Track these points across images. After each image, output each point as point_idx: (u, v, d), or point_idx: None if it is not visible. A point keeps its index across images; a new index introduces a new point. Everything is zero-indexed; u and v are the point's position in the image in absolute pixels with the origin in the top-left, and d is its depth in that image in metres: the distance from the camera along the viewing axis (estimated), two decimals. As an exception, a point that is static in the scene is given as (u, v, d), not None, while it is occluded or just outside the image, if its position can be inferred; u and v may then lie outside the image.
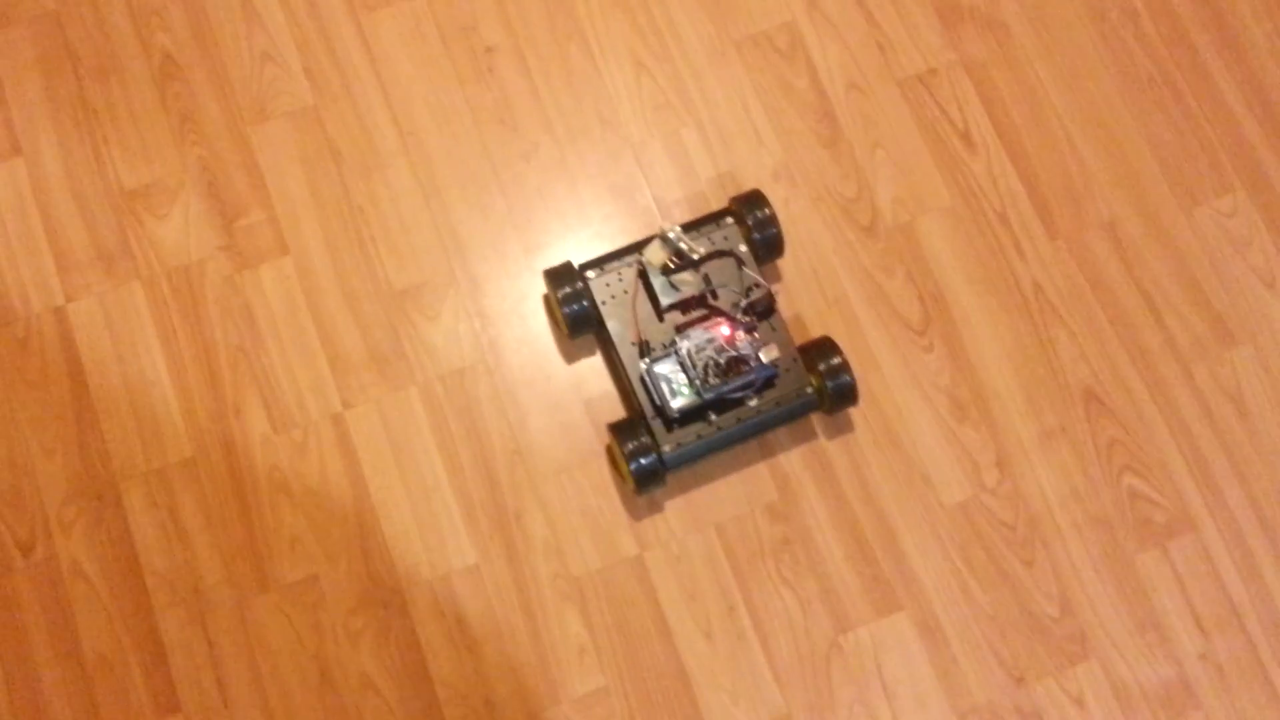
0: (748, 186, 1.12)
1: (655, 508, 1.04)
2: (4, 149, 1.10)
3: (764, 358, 0.99)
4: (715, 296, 1.01)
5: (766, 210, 1.03)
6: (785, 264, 1.10)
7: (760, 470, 1.05)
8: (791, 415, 1.01)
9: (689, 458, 0.99)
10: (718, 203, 1.11)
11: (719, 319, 1.00)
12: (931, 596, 1.03)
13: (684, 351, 0.99)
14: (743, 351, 0.98)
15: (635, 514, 1.04)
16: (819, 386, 1.01)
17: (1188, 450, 1.08)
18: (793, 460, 1.06)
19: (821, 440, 1.07)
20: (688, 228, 1.03)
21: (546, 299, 1.09)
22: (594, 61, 1.16)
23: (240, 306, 1.08)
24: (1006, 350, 1.10)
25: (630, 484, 1.00)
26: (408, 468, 1.04)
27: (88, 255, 1.08)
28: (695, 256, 0.99)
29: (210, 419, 1.04)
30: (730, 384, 0.98)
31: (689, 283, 1.00)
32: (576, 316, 1.02)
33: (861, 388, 1.07)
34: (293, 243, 1.09)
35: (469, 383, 1.07)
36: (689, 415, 0.99)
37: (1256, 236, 1.14)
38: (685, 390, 0.98)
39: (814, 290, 1.10)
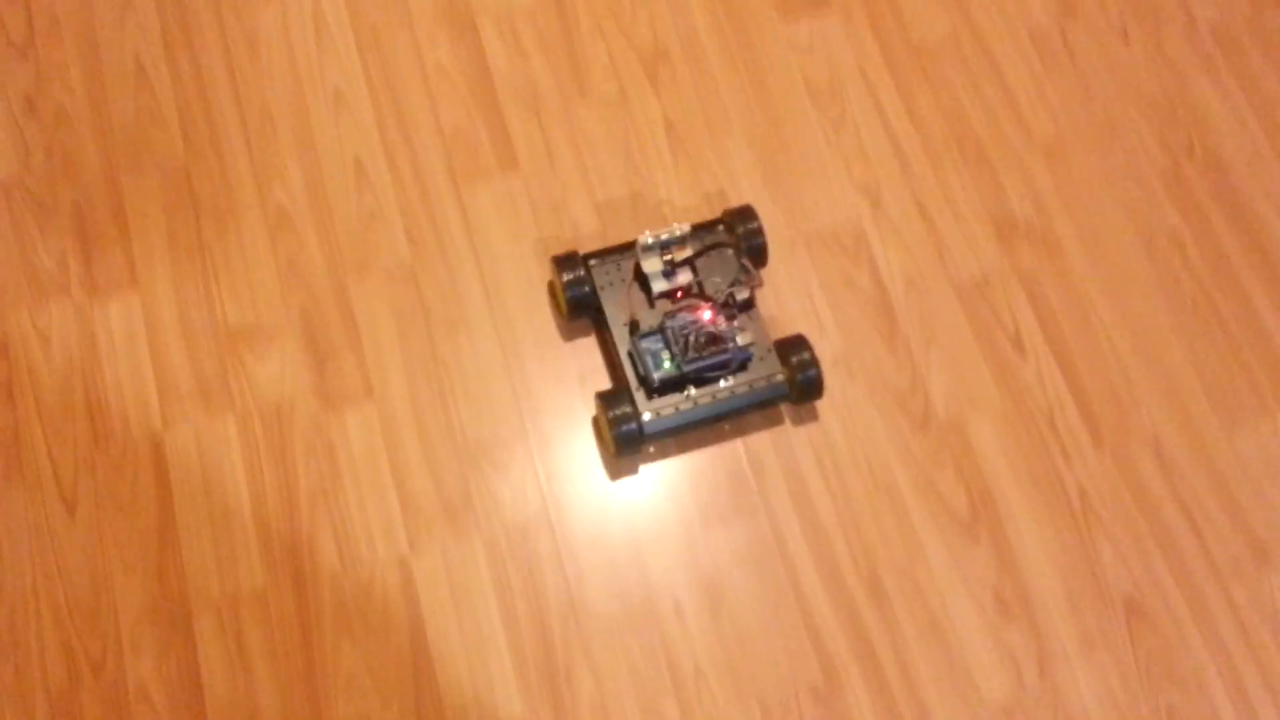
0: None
1: (700, 675, 1.08)
2: (124, 280, 1.19)
3: (740, 341, 1.11)
4: (702, 288, 1.14)
5: (755, 223, 1.17)
6: (838, 447, 1.16)
7: (806, 648, 1.09)
8: (762, 401, 1.13)
9: (667, 427, 1.12)
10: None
11: (703, 304, 1.13)
12: (966, 790, 1.05)
13: (668, 329, 1.11)
14: (721, 332, 1.11)
15: (679, 680, 1.07)
16: (789, 377, 1.13)
17: (1225, 670, 1.11)
18: (840, 647, 1.09)
19: (865, 615, 1.10)
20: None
21: (551, 285, 1.21)
22: (672, 244, 1.24)
23: (324, 445, 1.14)
24: (1051, 552, 1.14)
25: (612, 448, 1.12)
26: (465, 615, 1.09)
27: (189, 387, 1.15)
28: (685, 256, 1.14)
29: (284, 551, 1.10)
30: (707, 359, 1.10)
31: (681, 274, 1.15)
32: (577, 299, 1.16)
33: (907, 575, 1.10)
34: (378, 389, 1.16)
35: (531, 537, 1.12)
36: (668, 385, 1.12)
37: (1294, 460, 1.19)
38: (667, 363, 1.11)
39: (864, 473, 1.15)
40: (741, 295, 1.14)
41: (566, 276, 1.15)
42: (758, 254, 1.17)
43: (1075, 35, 1.33)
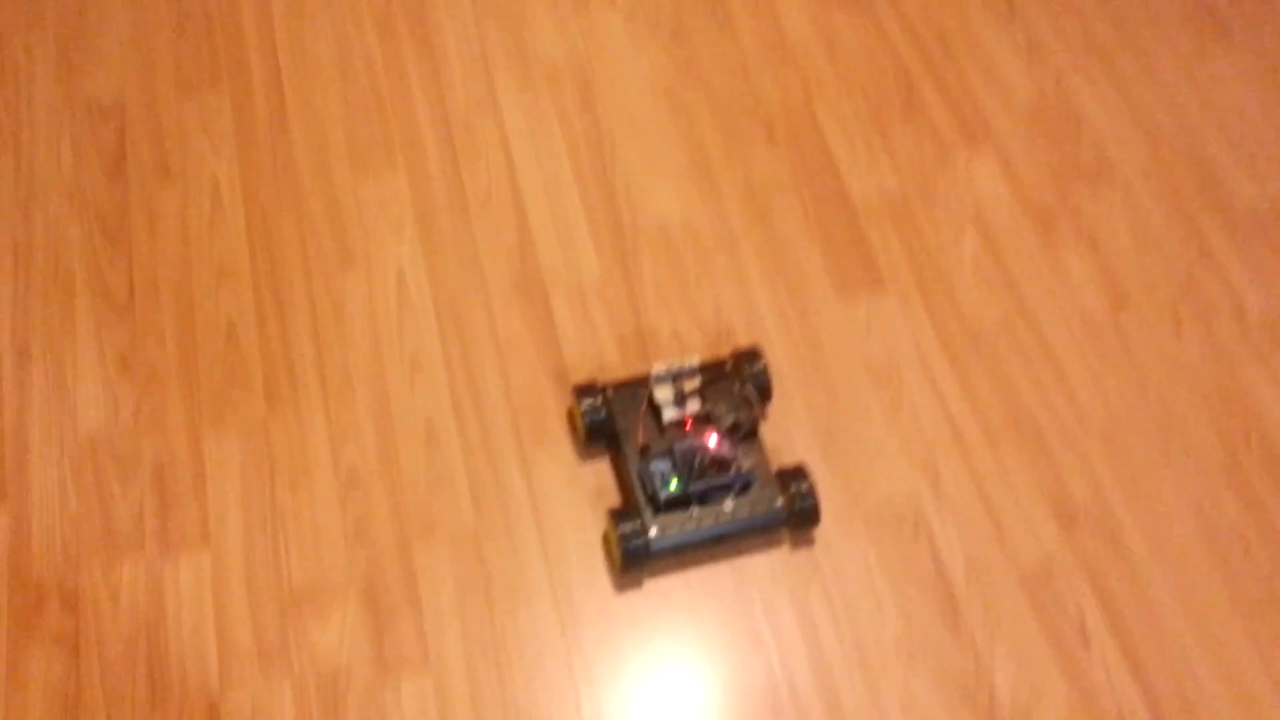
0: (873, 657, 1.17)
1: None
2: (196, 538, 1.22)
3: (742, 465, 1.19)
4: (709, 417, 1.22)
5: (761, 363, 1.27)
6: (902, 741, 1.13)
7: None
8: (761, 524, 1.20)
9: (672, 544, 1.18)
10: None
11: (709, 429, 1.21)
12: None
13: (675, 452, 1.19)
14: (725, 457, 1.19)
15: None
16: (788, 504, 1.19)
17: None
18: None
19: None
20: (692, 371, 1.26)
21: (569, 411, 1.28)
22: (732, 516, 1.26)
23: (377, 715, 1.13)
24: None
25: (619, 564, 1.18)
26: None
27: (248, 649, 1.16)
28: (693, 386, 1.24)
29: (331, 830, 1.07)
30: (711, 481, 1.18)
31: (690, 404, 1.24)
32: (594, 424, 1.24)
33: None
34: (435, 660, 1.16)
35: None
36: (674, 504, 1.19)
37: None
38: (673, 484, 1.18)
39: (928, 771, 1.12)
40: (744, 425, 1.23)
41: (585, 403, 1.23)
42: (763, 391, 1.27)
43: (1127, 324, 1.37)
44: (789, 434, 1.30)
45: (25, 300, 1.34)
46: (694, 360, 1.25)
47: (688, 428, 1.23)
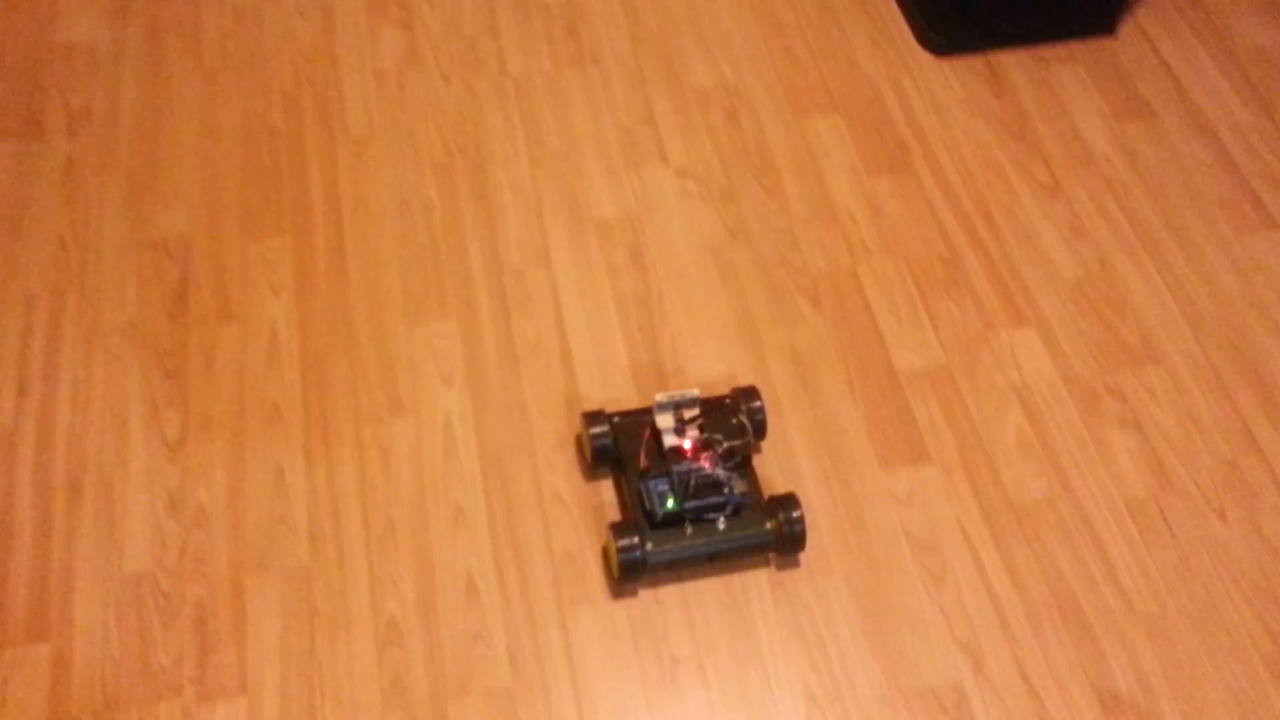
0: None
1: None
2: (234, 686, 1.21)
3: (735, 489, 1.29)
4: (707, 445, 1.31)
5: (757, 402, 1.36)
6: None
7: None
8: (751, 544, 1.29)
9: (666, 558, 1.27)
10: None
11: (706, 455, 1.30)
12: None
13: (673, 473, 1.28)
14: (720, 480, 1.28)
15: None
16: (776, 528, 1.28)
17: None
18: None
19: None
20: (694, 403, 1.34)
21: (578, 437, 1.38)
22: (769, 686, 1.25)
23: None
24: None
25: (617, 573, 1.26)
26: None
27: (279, 806, 1.15)
28: (694, 415, 1.33)
29: None
30: (705, 500, 1.28)
31: (690, 433, 1.33)
32: (600, 448, 1.33)
33: None
34: (466, 825, 1.14)
35: None
36: (669, 521, 1.28)
37: None
38: (670, 502, 1.27)
39: None
40: (739, 452, 1.31)
41: (594, 430, 1.33)
42: (759, 429, 1.36)
43: (1171, 508, 1.37)
44: (827, 605, 1.29)
45: (81, 434, 1.36)
46: (694, 391, 1.33)
47: (688, 454, 1.31)
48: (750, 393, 1.37)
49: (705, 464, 1.29)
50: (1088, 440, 1.42)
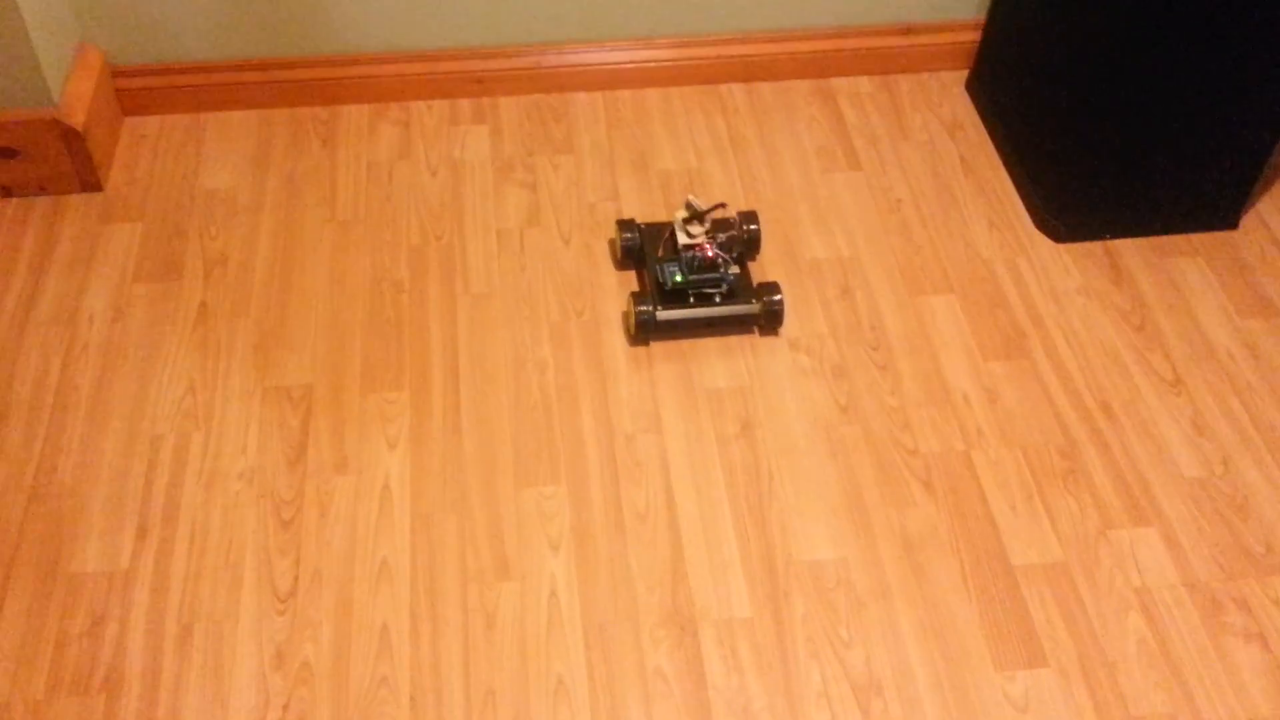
0: None
1: None
2: None
3: (729, 272, 1.63)
4: (712, 240, 1.64)
5: (754, 225, 1.73)
6: None
7: None
8: (740, 319, 1.65)
9: (673, 322, 1.63)
10: None
11: (710, 243, 1.63)
12: None
13: (681, 258, 1.63)
14: (719, 263, 1.62)
15: None
16: (762, 307, 1.63)
17: None
18: None
19: None
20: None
21: (611, 241, 1.76)
22: None
23: None
24: None
25: (633, 330, 1.62)
26: None
27: None
28: (703, 207, 1.67)
29: None
30: (704, 276, 1.62)
31: (699, 234, 1.65)
32: (629, 246, 1.70)
33: None
34: None
35: None
36: (677, 293, 1.63)
37: None
38: (677, 277, 1.62)
39: None
40: (736, 245, 1.66)
41: (625, 237, 1.70)
42: (754, 244, 1.74)
43: (1305, 731, 1.30)
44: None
45: (196, 580, 1.39)
46: (703, 205, 1.65)
47: (695, 249, 1.63)
48: (750, 216, 1.73)
49: (708, 250, 1.62)
50: (1211, 652, 1.36)
